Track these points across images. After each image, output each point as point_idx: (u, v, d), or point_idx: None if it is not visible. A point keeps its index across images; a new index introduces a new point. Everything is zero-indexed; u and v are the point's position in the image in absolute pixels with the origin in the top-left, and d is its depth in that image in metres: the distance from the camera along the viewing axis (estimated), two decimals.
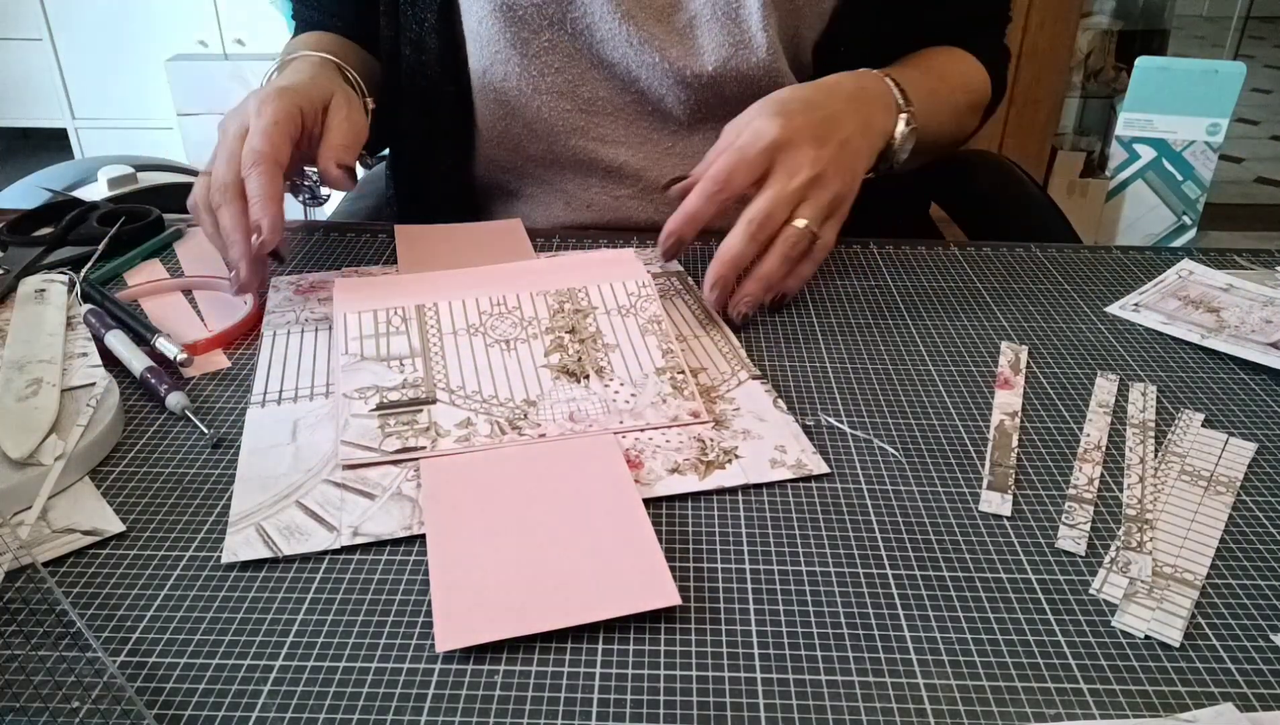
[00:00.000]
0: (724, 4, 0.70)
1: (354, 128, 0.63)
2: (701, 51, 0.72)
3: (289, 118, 0.59)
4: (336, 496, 0.43)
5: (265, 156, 0.57)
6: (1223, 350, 0.56)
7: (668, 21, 0.72)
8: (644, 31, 0.71)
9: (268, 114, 0.58)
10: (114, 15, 2.83)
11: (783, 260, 0.58)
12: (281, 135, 0.58)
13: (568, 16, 0.71)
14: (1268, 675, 0.36)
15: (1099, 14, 2.53)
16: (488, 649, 0.36)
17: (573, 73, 0.73)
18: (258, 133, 0.57)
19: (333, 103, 0.63)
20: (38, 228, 0.71)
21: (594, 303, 0.56)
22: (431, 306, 0.55)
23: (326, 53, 0.72)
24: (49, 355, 0.53)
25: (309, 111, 0.61)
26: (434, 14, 0.73)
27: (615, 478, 0.44)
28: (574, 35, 0.71)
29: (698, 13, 0.71)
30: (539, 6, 0.70)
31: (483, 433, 0.47)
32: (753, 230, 0.58)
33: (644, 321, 0.55)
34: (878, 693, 0.35)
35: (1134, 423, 0.50)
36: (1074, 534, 0.42)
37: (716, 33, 0.71)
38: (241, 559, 0.40)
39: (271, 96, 0.59)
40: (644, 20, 0.71)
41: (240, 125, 0.59)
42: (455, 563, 0.39)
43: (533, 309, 0.56)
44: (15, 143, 3.29)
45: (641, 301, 0.56)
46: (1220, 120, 0.69)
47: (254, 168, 0.56)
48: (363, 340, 0.53)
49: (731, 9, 0.70)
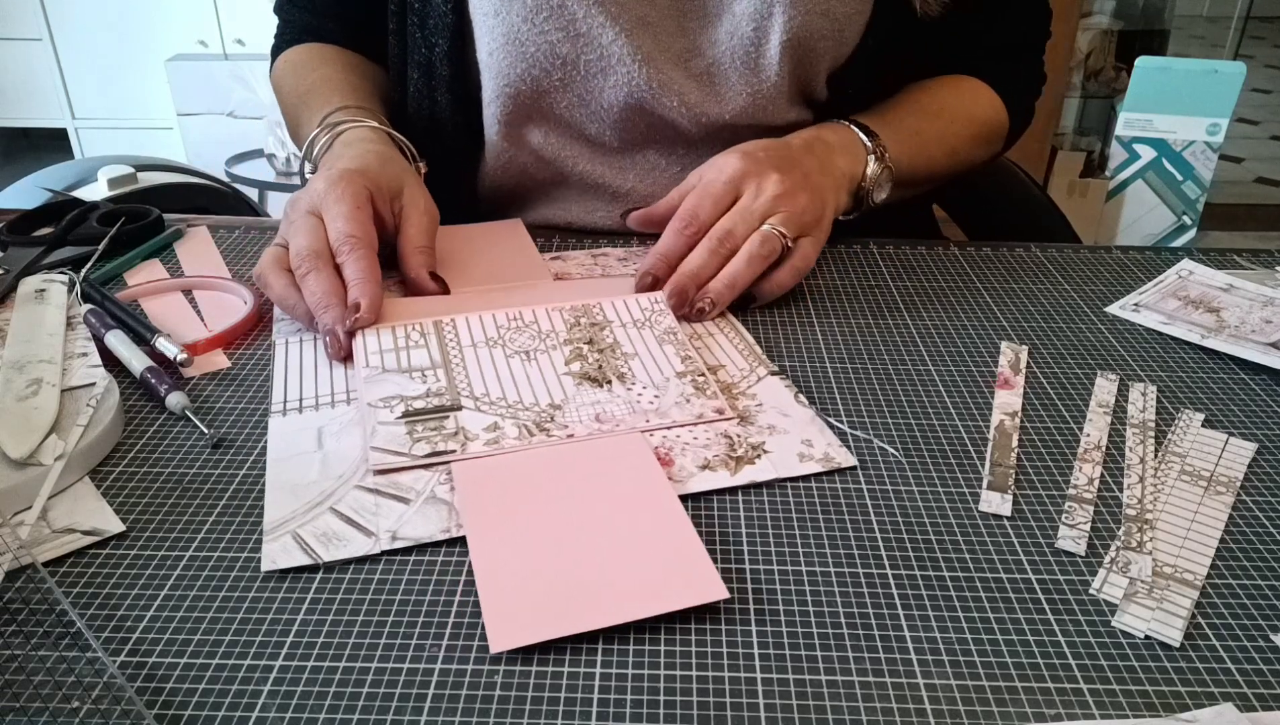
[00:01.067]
0: (743, 53, 0.68)
1: (431, 222, 0.63)
2: (721, 99, 0.70)
3: (366, 202, 0.58)
4: (371, 502, 0.43)
5: (360, 240, 0.56)
6: (1223, 350, 0.56)
7: (685, 66, 0.70)
8: (663, 75, 0.69)
9: (347, 198, 0.57)
10: (114, 15, 2.84)
11: (749, 260, 0.59)
12: (367, 219, 0.58)
13: (582, 58, 0.68)
14: (1268, 675, 0.36)
15: (1099, 14, 2.53)
16: (486, 651, 0.36)
17: (584, 112, 0.71)
18: (341, 217, 0.57)
19: (406, 192, 0.62)
20: (38, 228, 0.71)
21: (609, 317, 0.57)
22: (449, 322, 0.56)
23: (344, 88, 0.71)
24: (49, 355, 0.53)
25: (380, 199, 0.60)
26: (445, 41, 0.71)
27: (649, 475, 0.45)
28: (588, 76, 0.69)
29: (718, 59, 0.69)
30: (553, 45, 0.67)
31: (511, 436, 0.47)
32: (713, 244, 0.59)
33: (660, 332, 0.55)
34: (878, 693, 0.35)
35: (1134, 423, 0.50)
36: (1074, 534, 0.42)
37: (735, 81, 0.70)
38: (281, 567, 0.40)
39: (344, 179, 0.58)
40: (663, 64, 0.69)
41: (311, 203, 0.58)
42: (500, 564, 0.39)
43: (549, 323, 0.56)
44: (15, 143, 3.30)
45: (655, 316, 0.57)
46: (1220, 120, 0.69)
47: (351, 252, 0.56)
48: (382, 354, 0.53)
49: (751, 58, 0.68)
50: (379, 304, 0.55)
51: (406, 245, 0.61)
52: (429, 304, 0.59)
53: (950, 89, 0.78)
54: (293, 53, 0.80)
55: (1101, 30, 2.51)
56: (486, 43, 0.69)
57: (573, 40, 0.67)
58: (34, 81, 2.97)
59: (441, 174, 0.78)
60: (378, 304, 0.55)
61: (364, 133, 0.68)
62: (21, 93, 3.00)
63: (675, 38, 0.69)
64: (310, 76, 0.76)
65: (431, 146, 0.76)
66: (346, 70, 0.77)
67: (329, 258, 0.56)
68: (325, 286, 0.55)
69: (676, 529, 0.41)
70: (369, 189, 0.59)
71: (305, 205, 0.59)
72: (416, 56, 0.74)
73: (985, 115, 0.79)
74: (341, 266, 0.56)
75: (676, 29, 0.69)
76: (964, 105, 0.78)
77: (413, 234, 0.61)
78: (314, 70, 0.77)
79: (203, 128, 2.74)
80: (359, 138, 0.67)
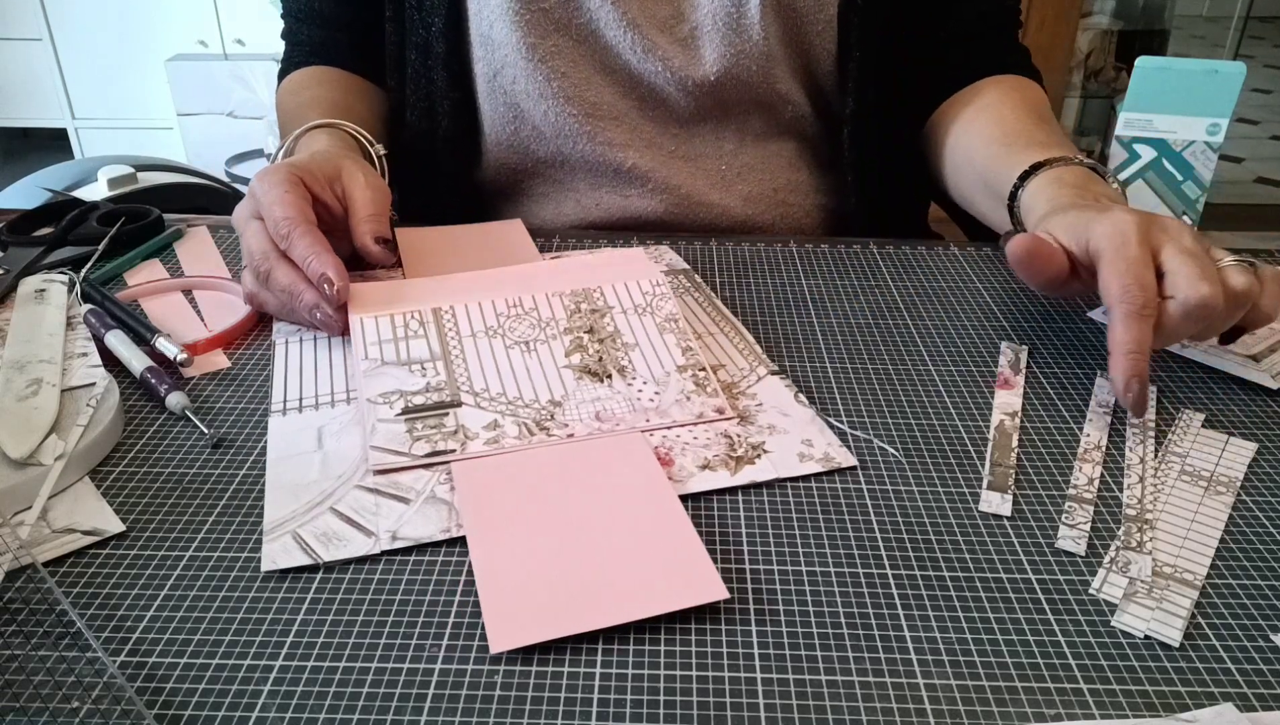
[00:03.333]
0: (724, 15, 0.71)
1: (377, 193, 0.61)
2: (703, 60, 0.73)
3: (294, 184, 0.57)
4: (371, 502, 0.43)
5: (294, 219, 0.55)
6: (1200, 361, 0.56)
7: (670, 32, 0.73)
8: (647, 40, 0.72)
9: (274, 186, 0.57)
10: (114, 15, 2.83)
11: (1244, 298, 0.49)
12: (298, 199, 0.57)
13: (574, 22, 0.72)
14: (1268, 675, 0.36)
15: (1099, 14, 2.53)
16: (486, 652, 0.36)
17: (578, 77, 0.73)
18: (275, 203, 0.56)
19: (344, 172, 0.61)
20: (38, 228, 0.71)
21: (610, 302, 0.56)
22: (448, 309, 0.55)
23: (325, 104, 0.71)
24: (49, 355, 0.53)
25: (317, 184, 0.59)
26: (441, 18, 0.73)
27: (649, 475, 0.45)
28: (579, 41, 0.72)
29: (700, 23, 0.72)
30: (547, 11, 0.71)
31: (511, 434, 0.47)
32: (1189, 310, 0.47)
33: (661, 320, 0.55)
34: (878, 693, 0.35)
35: (1134, 423, 0.50)
36: (1074, 534, 0.42)
37: (718, 42, 0.72)
38: (281, 567, 0.40)
39: (267, 172, 0.58)
40: (648, 29, 0.72)
41: (249, 210, 0.58)
42: (500, 564, 0.39)
43: (549, 310, 0.56)
44: (15, 143, 3.30)
45: (657, 300, 0.57)
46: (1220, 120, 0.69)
47: (291, 234, 0.55)
48: (381, 344, 0.53)
49: (733, 19, 0.71)
50: (343, 269, 0.55)
51: (353, 219, 0.60)
52: (427, 287, 0.58)
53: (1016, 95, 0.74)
54: (297, 75, 0.81)
55: (1101, 30, 2.51)
56: (485, 15, 0.72)
57: (564, 4, 0.71)
58: (34, 81, 2.96)
59: (440, 162, 0.78)
60: (342, 269, 0.55)
61: (314, 134, 0.68)
62: (21, 93, 3.00)
63: (660, 4, 0.72)
64: (301, 97, 0.76)
65: (429, 132, 0.77)
66: (335, 90, 0.77)
67: (279, 252, 0.56)
68: (286, 278, 0.55)
69: (676, 529, 0.41)
70: (299, 175, 0.58)
71: (246, 213, 0.58)
72: (414, 38, 0.75)
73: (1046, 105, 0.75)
74: (288, 252, 0.55)
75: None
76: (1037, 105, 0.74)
77: (357, 207, 0.60)
78: (306, 91, 0.77)
79: (203, 128, 2.74)
80: (304, 142, 0.67)
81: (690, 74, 0.73)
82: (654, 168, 0.76)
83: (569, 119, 0.74)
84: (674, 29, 0.73)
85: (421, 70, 0.76)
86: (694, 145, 0.77)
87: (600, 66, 0.73)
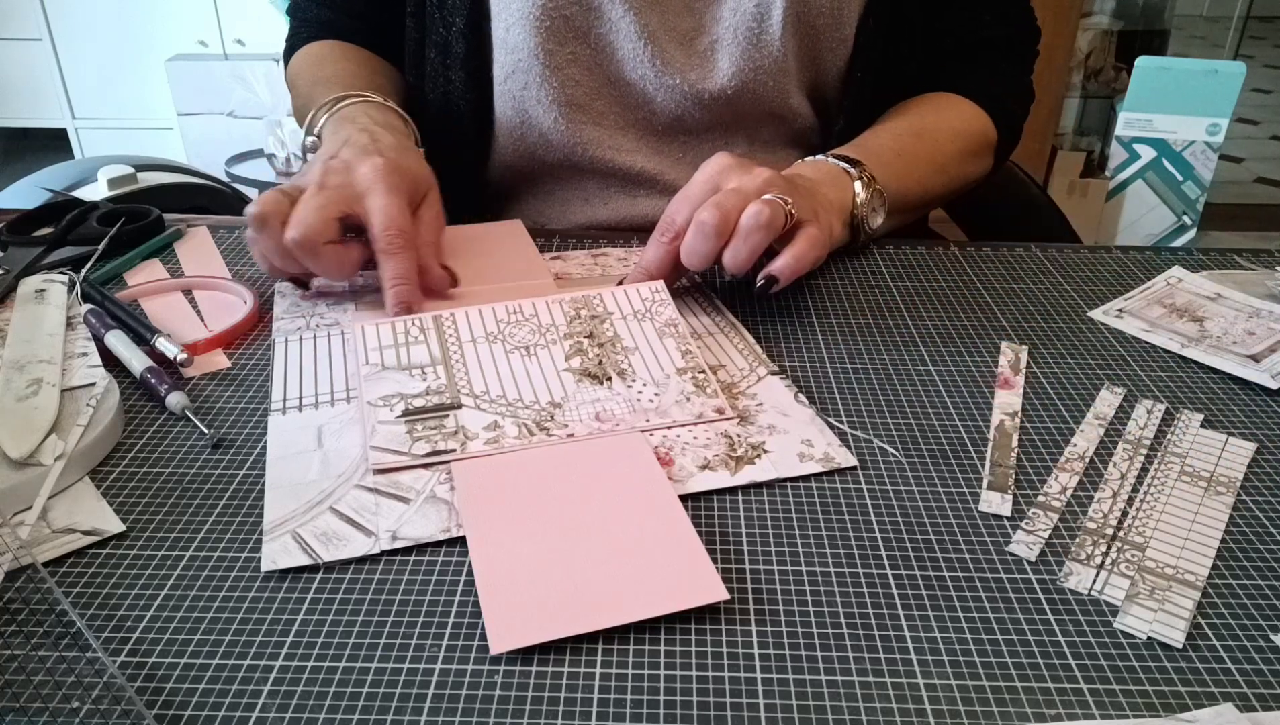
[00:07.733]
0: (746, 30, 0.71)
1: (442, 224, 0.64)
2: (719, 74, 0.73)
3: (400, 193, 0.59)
4: (371, 501, 0.43)
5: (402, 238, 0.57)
6: (1200, 360, 0.56)
7: (689, 45, 0.73)
8: (665, 54, 0.72)
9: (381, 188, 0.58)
10: (114, 15, 2.83)
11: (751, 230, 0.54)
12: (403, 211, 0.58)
13: (594, 30, 0.71)
14: (1268, 675, 0.36)
15: (1099, 14, 2.53)
16: (486, 652, 0.36)
17: (590, 86, 0.74)
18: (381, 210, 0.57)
19: (431, 195, 0.63)
20: (38, 228, 0.71)
21: (609, 308, 0.56)
22: (449, 316, 0.56)
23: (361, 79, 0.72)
24: (49, 355, 0.53)
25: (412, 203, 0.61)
26: (463, 18, 0.73)
27: (649, 475, 0.45)
28: (596, 50, 0.72)
29: (720, 36, 0.72)
30: (568, 19, 0.71)
31: (510, 435, 0.47)
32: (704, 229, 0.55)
33: (660, 325, 0.55)
34: (878, 693, 0.35)
35: (1128, 439, 0.49)
36: (1029, 539, 0.42)
37: (736, 56, 0.72)
38: (281, 567, 0.40)
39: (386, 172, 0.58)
40: (666, 43, 0.72)
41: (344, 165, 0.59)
42: (500, 564, 0.39)
43: (549, 316, 0.56)
44: (15, 143, 3.29)
45: (656, 306, 0.57)
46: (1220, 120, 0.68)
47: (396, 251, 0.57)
48: (382, 350, 0.53)
49: (754, 34, 0.71)
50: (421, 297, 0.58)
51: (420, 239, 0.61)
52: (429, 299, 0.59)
53: (928, 107, 0.78)
54: (313, 46, 0.81)
55: (1101, 30, 2.51)
56: (504, 17, 0.72)
57: (585, 12, 0.71)
58: (34, 81, 2.96)
59: (453, 158, 0.78)
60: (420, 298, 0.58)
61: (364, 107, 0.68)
62: (22, 93, 3.00)
63: (682, 17, 0.72)
64: (330, 68, 0.76)
65: (444, 129, 0.77)
66: (363, 66, 0.78)
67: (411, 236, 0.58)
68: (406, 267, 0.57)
69: (676, 529, 0.41)
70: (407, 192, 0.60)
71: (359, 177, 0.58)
72: (434, 36, 0.76)
73: (968, 127, 0.78)
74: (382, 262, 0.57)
75: (683, 8, 0.72)
76: (944, 121, 0.78)
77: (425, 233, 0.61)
78: (335, 63, 0.77)
79: (203, 128, 2.74)
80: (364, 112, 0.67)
81: (706, 87, 0.73)
82: (663, 171, 0.77)
83: (576, 126, 0.75)
84: (693, 42, 0.73)
85: (440, 69, 0.76)
86: (703, 151, 0.77)
87: (613, 78, 0.73)
